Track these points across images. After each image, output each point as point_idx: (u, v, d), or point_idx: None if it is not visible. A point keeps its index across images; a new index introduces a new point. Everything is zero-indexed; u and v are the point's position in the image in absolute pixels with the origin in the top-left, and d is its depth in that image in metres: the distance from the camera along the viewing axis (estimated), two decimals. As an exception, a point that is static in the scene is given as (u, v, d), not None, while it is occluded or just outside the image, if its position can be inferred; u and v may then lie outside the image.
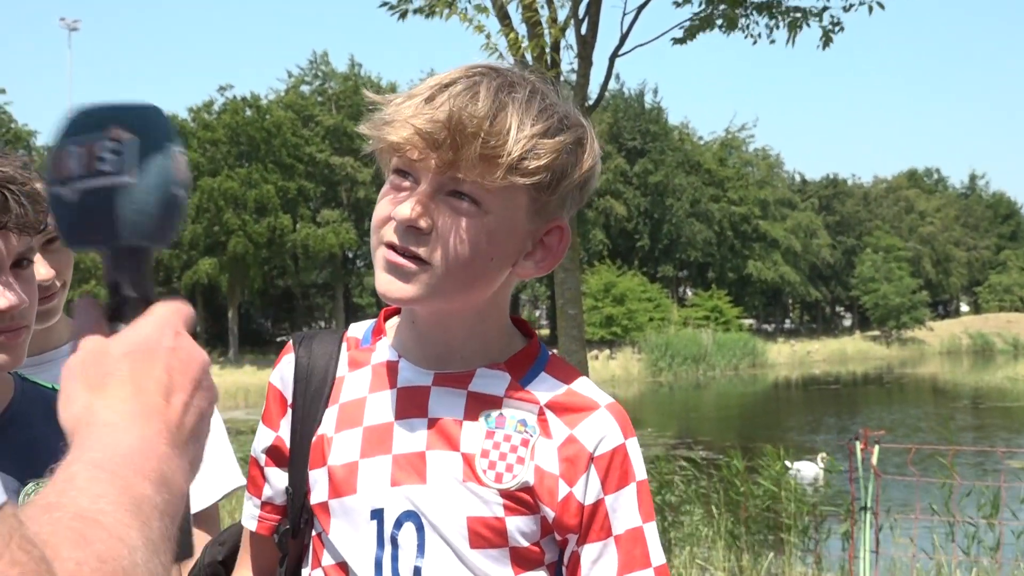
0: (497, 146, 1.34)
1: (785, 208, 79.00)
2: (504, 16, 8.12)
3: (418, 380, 1.51)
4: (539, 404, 1.48)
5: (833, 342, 77.26)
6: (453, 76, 1.41)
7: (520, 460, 1.45)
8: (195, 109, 62.24)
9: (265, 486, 1.61)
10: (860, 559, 7.07)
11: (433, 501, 1.44)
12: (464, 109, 1.34)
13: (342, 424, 1.52)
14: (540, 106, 1.40)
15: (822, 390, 45.11)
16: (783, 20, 8.98)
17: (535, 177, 1.37)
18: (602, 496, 1.46)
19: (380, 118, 1.42)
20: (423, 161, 1.38)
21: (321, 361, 1.58)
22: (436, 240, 1.39)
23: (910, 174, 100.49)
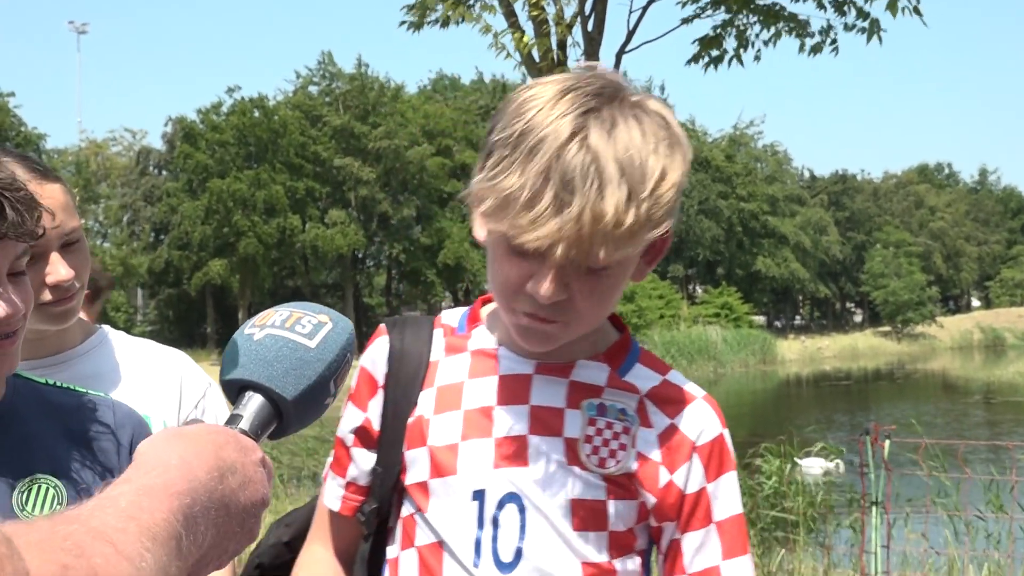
0: (630, 225, 1.32)
1: (794, 204, 78.77)
2: (511, 14, 8.12)
3: (520, 368, 1.54)
4: (639, 394, 1.53)
5: (844, 338, 77.06)
6: (559, 136, 1.32)
7: (623, 447, 1.49)
8: (204, 111, 62.27)
9: (351, 466, 1.63)
10: (871, 554, 7.06)
11: (536, 483, 1.48)
12: (592, 208, 1.29)
13: (441, 407, 1.55)
14: (654, 143, 1.35)
15: (833, 386, 45.01)
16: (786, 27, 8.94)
17: (663, 226, 1.37)
18: (704, 484, 1.51)
19: (499, 206, 1.35)
20: (554, 249, 1.34)
21: (414, 345, 1.61)
22: (576, 304, 1.41)
23: (920, 169, 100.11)
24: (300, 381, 1.13)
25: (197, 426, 1.03)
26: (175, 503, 0.87)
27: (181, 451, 0.95)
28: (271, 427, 1.14)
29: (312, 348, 1.15)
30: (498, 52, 7.99)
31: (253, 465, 1.02)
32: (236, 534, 0.98)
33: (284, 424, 1.15)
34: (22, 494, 1.44)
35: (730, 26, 8.89)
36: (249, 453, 1.02)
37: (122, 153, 66.24)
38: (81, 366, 2.06)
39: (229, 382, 1.16)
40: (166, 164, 64.55)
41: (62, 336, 2.04)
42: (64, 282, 1.90)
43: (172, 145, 62.51)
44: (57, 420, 1.53)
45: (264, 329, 1.17)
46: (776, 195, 76.31)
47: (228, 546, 0.98)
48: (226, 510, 0.95)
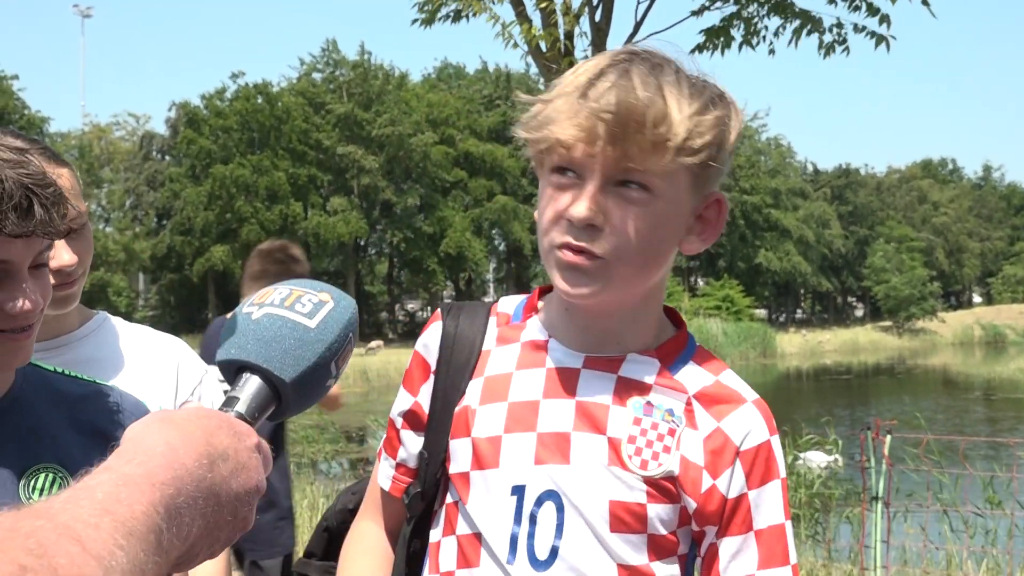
0: (665, 131, 1.35)
1: (797, 198, 78.75)
2: (518, 4, 8.09)
3: (568, 362, 1.52)
4: (687, 394, 1.49)
5: (845, 332, 77.05)
6: (600, 65, 1.41)
7: (667, 449, 1.45)
8: (208, 96, 62.25)
9: (400, 448, 1.63)
10: (871, 548, 7.07)
11: (576, 482, 1.45)
12: (626, 98, 1.34)
13: (487, 397, 1.54)
14: (689, 84, 1.40)
15: (833, 380, 45.01)
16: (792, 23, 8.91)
17: (701, 155, 1.38)
18: (745, 491, 1.46)
19: (538, 117, 1.41)
20: (588, 156, 1.37)
21: (468, 332, 1.59)
22: (611, 234, 1.40)
23: (924, 164, 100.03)
24: (299, 362, 1.09)
25: (188, 410, 0.98)
26: (157, 494, 0.82)
27: (168, 437, 0.90)
28: (269, 410, 1.09)
29: (312, 328, 1.11)
30: (505, 42, 7.97)
31: (247, 451, 0.97)
32: (228, 523, 0.93)
33: (283, 407, 1.11)
34: (29, 483, 1.44)
35: (737, 18, 8.86)
36: (243, 438, 0.98)
37: (125, 138, 66.23)
38: (78, 350, 2.07)
39: (226, 363, 1.11)
40: (169, 149, 64.58)
41: (60, 320, 2.05)
42: (67, 267, 1.91)
43: (175, 130, 62.53)
44: (64, 409, 1.54)
45: (263, 308, 1.13)
46: (779, 188, 76.28)
47: (219, 535, 0.93)
48: (216, 499, 0.91)
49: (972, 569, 7.52)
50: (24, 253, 1.36)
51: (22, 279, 1.37)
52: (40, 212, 1.31)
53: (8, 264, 1.35)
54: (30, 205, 1.30)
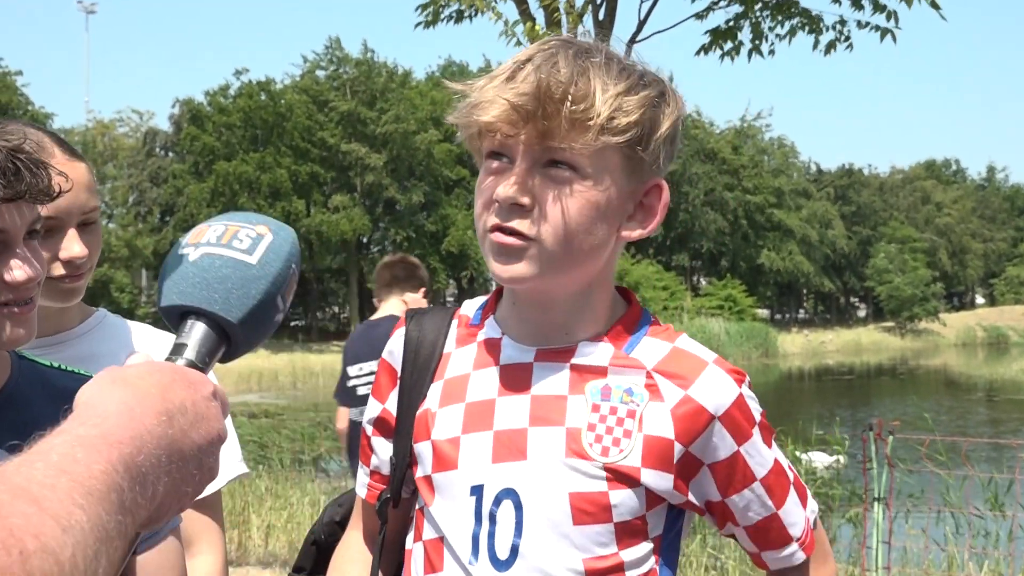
0: (586, 108, 1.36)
1: (800, 198, 78.69)
2: (521, 2, 8.10)
3: (520, 357, 1.52)
4: (646, 368, 1.48)
5: (847, 333, 77.03)
6: (530, 52, 1.44)
7: (627, 434, 1.45)
8: (211, 93, 62.26)
9: (372, 456, 1.65)
10: (872, 549, 7.06)
11: (533, 478, 1.45)
12: (549, 77, 1.36)
13: (446, 399, 1.54)
14: (619, 66, 1.42)
15: (836, 381, 45.00)
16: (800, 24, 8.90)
17: (627, 134, 1.39)
18: (736, 448, 1.48)
19: (467, 103, 1.43)
20: (515, 137, 1.39)
21: (430, 336, 1.61)
22: (539, 215, 1.40)
23: (928, 165, 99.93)
24: (245, 301, 1.05)
25: (139, 365, 0.96)
26: (115, 453, 0.79)
27: (123, 397, 0.88)
28: (219, 353, 1.06)
29: (254, 264, 1.07)
30: (508, 40, 7.96)
31: (204, 400, 0.95)
32: (194, 476, 0.92)
33: (232, 348, 1.07)
34: None
35: (743, 19, 8.85)
36: (199, 388, 0.95)
37: (129, 134, 66.23)
38: (77, 347, 2.06)
39: (168, 309, 1.07)
40: (173, 146, 64.58)
41: (60, 316, 2.05)
42: (78, 259, 1.91)
43: (179, 127, 62.53)
44: (60, 404, 1.51)
45: (199, 248, 1.08)
46: (782, 188, 76.21)
47: (187, 490, 0.91)
48: (179, 454, 0.88)
49: (974, 570, 7.50)
50: (17, 222, 1.36)
51: (18, 247, 1.37)
52: (27, 175, 1.31)
53: (3, 234, 1.35)
54: (17, 168, 1.30)
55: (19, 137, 1.34)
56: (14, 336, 1.41)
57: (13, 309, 1.39)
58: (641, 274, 61.73)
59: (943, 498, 8.10)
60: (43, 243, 1.46)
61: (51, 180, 1.36)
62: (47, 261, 1.60)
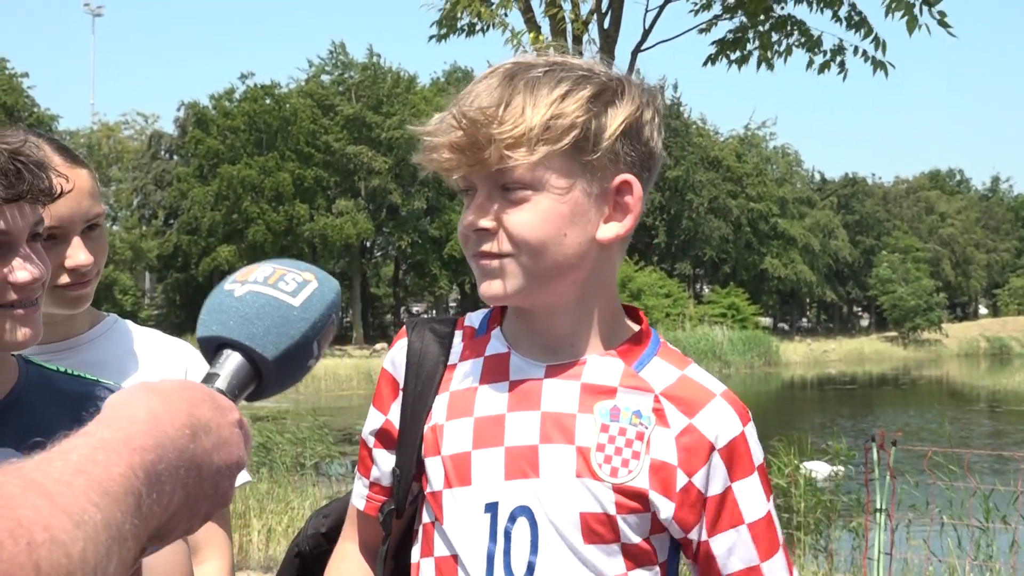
0: (513, 128, 1.37)
1: (804, 207, 78.63)
2: (527, 10, 8.10)
3: (530, 372, 1.52)
4: (654, 392, 1.48)
5: (850, 342, 76.90)
6: (474, 82, 1.47)
7: (635, 455, 1.45)
8: (216, 96, 62.33)
9: (373, 468, 1.63)
10: (873, 560, 7.06)
11: (547, 495, 1.45)
12: (472, 108, 1.39)
13: (453, 413, 1.53)
14: (557, 74, 1.42)
15: (838, 390, 44.92)
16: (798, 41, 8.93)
17: (567, 139, 1.39)
18: (729, 484, 1.47)
19: (423, 147, 1.46)
20: (471, 170, 1.42)
21: (433, 347, 1.59)
22: (504, 234, 1.43)
23: (932, 175, 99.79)
24: (281, 340, 1.06)
25: (171, 381, 0.96)
26: (136, 458, 0.80)
27: (151, 405, 0.88)
28: (250, 388, 1.07)
29: (296, 307, 1.08)
30: (515, 49, 7.97)
31: (229, 426, 0.95)
32: (208, 497, 0.91)
33: (263, 385, 1.08)
34: None
35: (750, 29, 8.87)
36: (226, 413, 0.96)
37: (134, 137, 66.35)
38: (87, 353, 2.06)
39: (207, 339, 1.08)
40: (177, 149, 64.68)
41: (69, 322, 2.05)
42: (83, 267, 1.91)
43: (184, 130, 62.63)
44: (67, 408, 1.52)
45: (246, 285, 1.10)
46: (786, 196, 76.17)
47: (199, 508, 0.91)
48: (198, 471, 0.89)
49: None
50: (20, 223, 1.36)
51: (21, 248, 1.38)
52: (28, 176, 1.31)
53: (7, 235, 1.35)
54: (18, 170, 1.31)
55: (20, 140, 1.35)
56: (20, 337, 1.42)
57: (18, 310, 1.40)
58: (644, 281, 61.68)
59: (945, 510, 8.08)
60: (48, 251, 1.46)
61: (52, 181, 1.37)
62: (53, 270, 1.61)
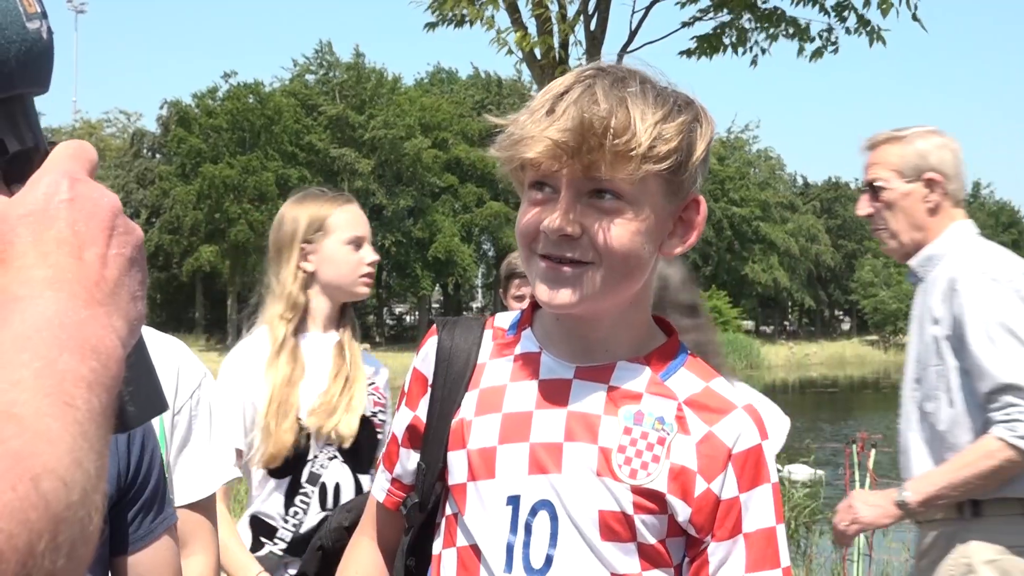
0: (627, 140, 1.39)
1: (786, 211, 78.96)
2: (514, 11, 8.12)
3: (560, 372, 1.54)
4: (678, 400, 1.51)
5: (831, 345, 77.30)
6: (567, 83, 1.46)
7: (655, 459, 1.47)
8: (199, 95, 62.16)
9: (398, 464, 1.67)
10: (853, 562, 7.08)
11: (568, 491, 1.48)
12: (588, 112, 1.39)
13: (482, 409, 1.57)
14: (654, 93, 1.45)
15: (819, 393, 45.11)
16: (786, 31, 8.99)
17: (667, 161, 1.42)
18: (736, 494, 1.49)
19: (508, 138, 1.46)
20: (559, 170, 1.42)
21: (464, 346, 1.63)
22: (588, 243, 1.44)
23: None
24: None
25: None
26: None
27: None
28: None
29: None
30: (500, 48, 7.98)
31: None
32: (124, 248, 0.81)
33: None
34: None
35: (730, 27, 8.91)
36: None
37: (116, 135, 66.15)
38: None
39: None
40: (160, 147, 64.48)
41: None
42: None
43: (166, 128, 62.47)
44: None
45: None
46: (768, 201, 76.46)
47: (130, 255, 0.81)
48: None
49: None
50: None
51: None
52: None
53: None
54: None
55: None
56: None
57: None
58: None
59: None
60: None
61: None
62: None
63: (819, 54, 9.04)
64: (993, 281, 2.94)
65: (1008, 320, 2.87)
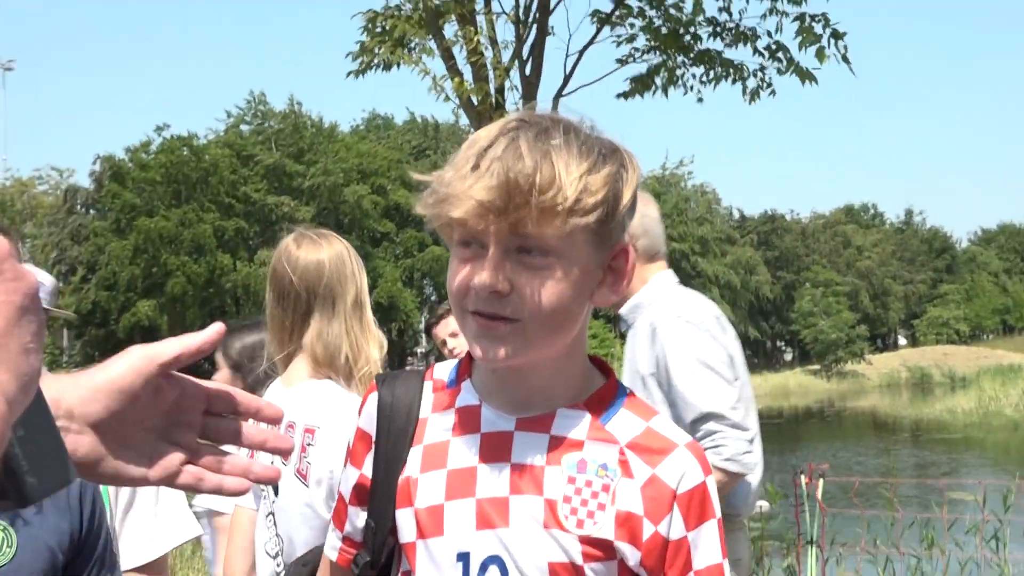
0: (553, 196, 1.38)
1: (724, 244, 79.85)
2: (449, 58, 8.17)
3: (501, 425, 1.54)
4: (619, 444, 1.51)
5: (775, 376, 77.95)
6: (490, 136, 1.44)
7: (601, 507, 1.47)
8: (132, 149, 61.65)
9: (347, 522, 1.66)
10: (807, 594, 7.11)
11: (517, 545, 1.47)
12: (512, 169, 1.37)
13: (427, 466, 1.56)
14: (578, 143, 1.43)
15: (765, 424, 44.91)
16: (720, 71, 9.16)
17: (594, 214, 1.41)
18: (685, 533, 1.49)
19: (434, 195, 1.44)
20: (485, 228, 1.41)
21: (404, 401, 1.61)
22: (518, 299, 1.43)
23: (847, 209, 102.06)
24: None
25: None
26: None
27: None
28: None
29: None
30: (437, 95, 8.03)
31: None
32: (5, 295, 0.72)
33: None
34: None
35: (663, 69, 9.06)
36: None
37: (49, 192, 65.30)
38: None
39: None
40: (94, 203, 63.73)
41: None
42: None
43: (100, 183, 61.77)
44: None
45: None
46: (706, 236, 77.28)
47: (15, 302, 0.72)
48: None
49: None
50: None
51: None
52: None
53: None
54: None
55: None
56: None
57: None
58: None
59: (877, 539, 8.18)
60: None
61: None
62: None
63: (756, 95, 9.21)
64: (688, 323, 3.40)
65: (704, 356, 3.35)
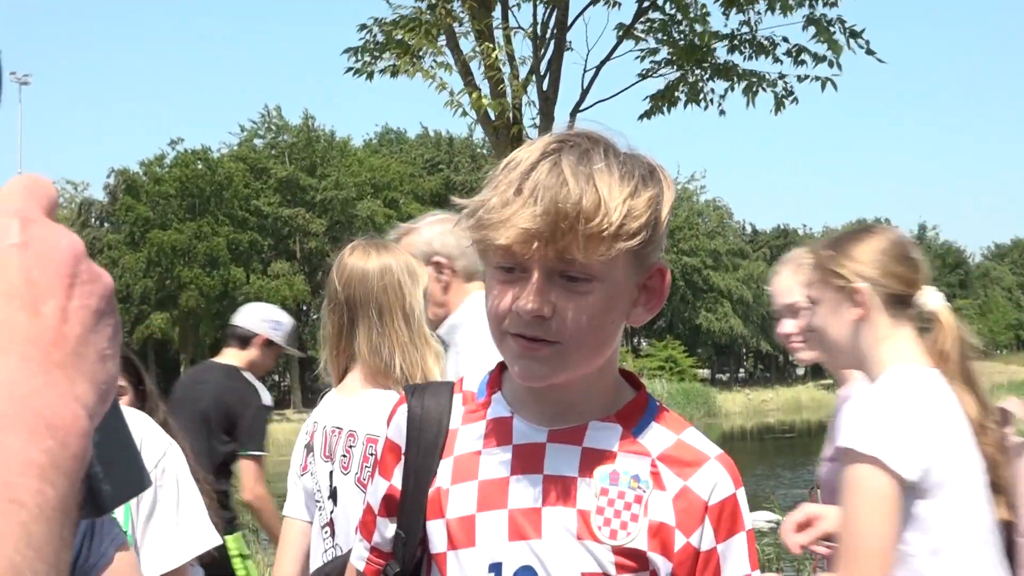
0: (599, 222, 1.38)
1: (737, 258, 79.69)
2: (467, 73, 8.19)
3: (533, 437, 1.55)
4: (651, 456, 1.53)
5: (787, 391, 77.57)
6: (532, 159, 1.45)
7: (634, 517, 1.49)
8: (147, 163, 61.90)
9: (375, 533, 1.66)
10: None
11: (550, 556, 1.48)
12: (557, 197, 1.38)
13: (457, 477, 1.57)
14: (619, 165, 1.44)
15: (777, 439, 45.19)
16: (739, 84, 9.17)
17: (637, 238, 1.42)
18: (715, 544, 1.50)
19: (478, 220, 1.45)
20: (531, 254, 1.41)
21: (434, 413, 1.62)
22: (560, 322, 1.44)
23: (860, 223, 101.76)
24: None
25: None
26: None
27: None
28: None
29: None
30: (454, 110, 8.05)
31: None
32: (90, 299, 0.69)
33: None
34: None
35: (683, 83, 9.07)
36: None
37: (63, 205, 65.56)
38: None
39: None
40: (108, 216, 64.01)
41: None
42: None
43: (114, 197, 62.05)
44: None
45: None
46: (718, 250, 77.16)
47: (97, 306, 0.70)
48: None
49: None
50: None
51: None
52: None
53: None
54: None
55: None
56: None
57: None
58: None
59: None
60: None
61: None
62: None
63: (782, 105, 9.22)
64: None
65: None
